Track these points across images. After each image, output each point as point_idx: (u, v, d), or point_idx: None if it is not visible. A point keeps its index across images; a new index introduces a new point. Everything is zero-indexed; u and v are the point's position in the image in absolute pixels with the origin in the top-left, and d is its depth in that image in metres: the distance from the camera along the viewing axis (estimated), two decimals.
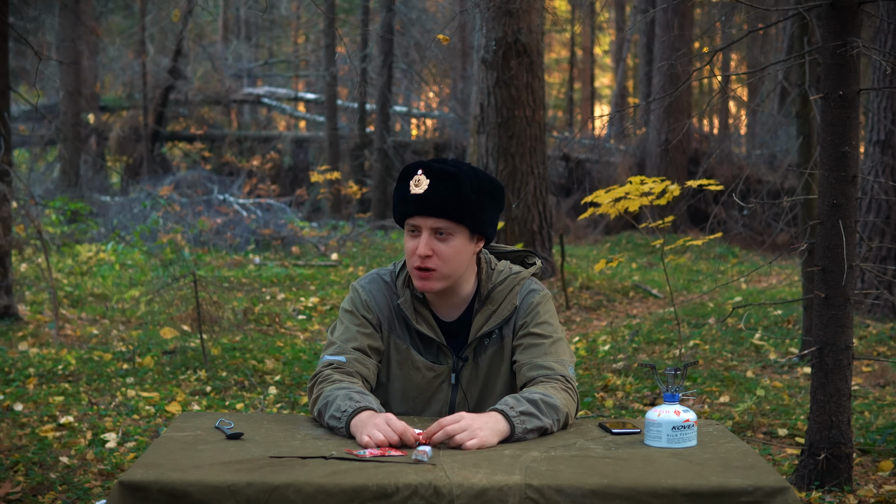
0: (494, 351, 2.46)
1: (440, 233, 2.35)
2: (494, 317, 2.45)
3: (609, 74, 27.60)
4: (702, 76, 7.76)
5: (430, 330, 2.44)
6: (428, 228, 2.35)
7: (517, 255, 2.62)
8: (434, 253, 2.34)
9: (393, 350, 2.47)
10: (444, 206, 2.33)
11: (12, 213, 7.09)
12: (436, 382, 2.46)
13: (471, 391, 2.46)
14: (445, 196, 2.32)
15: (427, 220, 2.34)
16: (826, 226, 3.66)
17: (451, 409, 2.46)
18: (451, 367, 2.45)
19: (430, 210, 2.33)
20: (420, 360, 2.45)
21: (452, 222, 2.35)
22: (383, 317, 2.47)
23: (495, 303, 2.46)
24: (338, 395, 2.25)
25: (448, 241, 2.36)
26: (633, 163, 15.56)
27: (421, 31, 16.70)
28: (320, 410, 2.28)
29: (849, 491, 3.72)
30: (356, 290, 2.50)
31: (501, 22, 8.50)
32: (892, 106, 7.04)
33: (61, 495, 3.71)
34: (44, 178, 16.00)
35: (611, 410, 5.14)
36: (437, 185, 2.32)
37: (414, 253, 2.36)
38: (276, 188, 15.05)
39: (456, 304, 2.47)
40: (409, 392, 2.46)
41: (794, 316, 7.32)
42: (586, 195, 5.38)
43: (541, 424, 2.19)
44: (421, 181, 2.33)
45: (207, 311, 6.23)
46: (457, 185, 2.33)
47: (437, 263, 2.35)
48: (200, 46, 19.21)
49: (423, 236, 2.35)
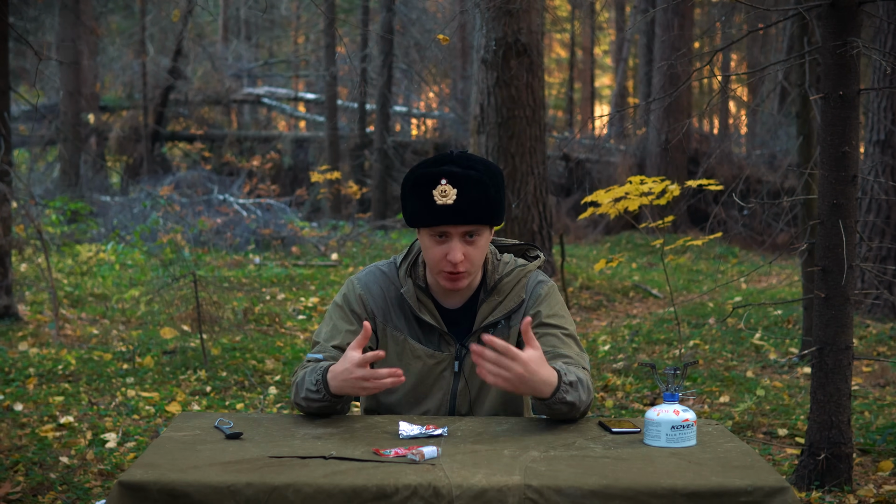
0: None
1: (469, 235, 2.38)
2: (501, 307, 2.47)
3: (609, 74, 27.60)
4: (702, 76, 7.77)
5: (432, 318, 2.46)
6: (459, 234, 2.37)
7: (519, 247, 2.64)
8: (465, 257, 2.38)
9: (390, 342, 2.48)
10: (476, 212, 2.35)
11: (12, 213, 7.09)
12: (437, 370, 2.47)
13: (473, 380, 2.47)
14: (476, 202, 2.35)
15: (459, 228, 2.36)
16: (826, 226, 3.66)
17: (452, 397, 2.48)
18: (455, 355, 2.47)
19: (463, 219, 2.35)
20: (420, 347, 2.47)
21: (482, 225, 2.39)
22: (378, 309, 2.48)
23: (502, 293, 2.48)
24: (303, 375, 2.36)
25: (476, 243, 2.39)
26: (633, 163, 15.56)
27: (421, 31, 16.70)
28: (297, 395, 2.37)
29: (849, 491, 3.72)
30: (351, 284, 2.52)
31: (501, 22, 8.50)
32: (892, 106, 7.04)
33: (61, 495, 3.71)
34: (44, 178, 16.00)
35: (611, 410, 5.14)
36: (467, 192, 2.34)
37: (444, 258, 2.37)
38: (276, 188, 15.05)
39: (462, 293, 2.49)
40: (409, 382, 2.47)
41: (794, 316, 7.32)
42: (586, 195, 5.39)
43: (575, 401, 2.26)
44: (448, 191, 2.34)
45: (207, 311, 6.23)
46: (484, 190, 2.36)
47: (468, 266, 2.39)
48: (200, 46, 19.22)
49: (454, 243, 2.36)
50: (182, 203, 12.46)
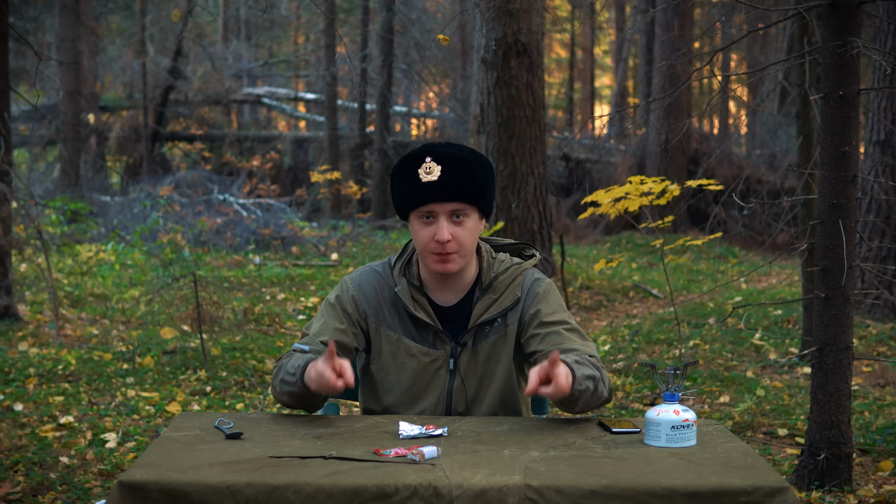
0: (496, 339, 2.47)
1: (456, 216, 2.40)
2: (496, 305, 2.47)
3: (609, 74, 27.60)
4: (702, 76, 7.76)
5: (426, 315, 2.46)
6: (445, 213, 2.39)
7: (514, 247, 2.64)
8: (453, 237, 2.39)
9: (384, 342, 2.48)
10: (460, 189, 2.38)
11: (12, 213, 7.09)
12: (432, 368, 2.47)
13: (469, 378, 2.47)
14: (460, 179, 2.38)
15: (445, 206, 2.38)
16: (826, 226, 3.66)
17: (448, 395, 2.47)
18: (450, 353, 2.47)
19: (447, 195, 2.37)
20: (414, 346, 2.47)
21: (467, 204, 2.40)
22: (371, 309, 2.48)
23: (497, 291, 2.48)
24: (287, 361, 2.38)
25: (464, 224, 2.40)
26: (633, 163, 15.56)
27: (421, 31, 16.70)
28: (275, 378, 2.39)
29: (849, 491, 3.72)
30: (345, 284, 2.53)
31: (501, 22, 8.50)
32: (892, 106, 7.04)
33: (61, 495, 3.71)
34: (44, 178, 16.00)
35: (611, 410, 5.14)
36: (451, 169, 2.38)
37: (432, 239, 2.39)
38: (276, 188, 15.05)
39: (457, 289, 2.49)
40: (405, 381, 2.47)
41: (794, 316, 7.32)
42: (586, 195, 5.38)
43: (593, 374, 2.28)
44: (432, 168, 2.37)
45: (207, 311, 6.23)
46: (468, 167, 2.39)
47: (456, 246, 2.40)
48: (200, 46, 19.21)
49: (440, 222, 2.38)
50: (182, 203, 12.46)
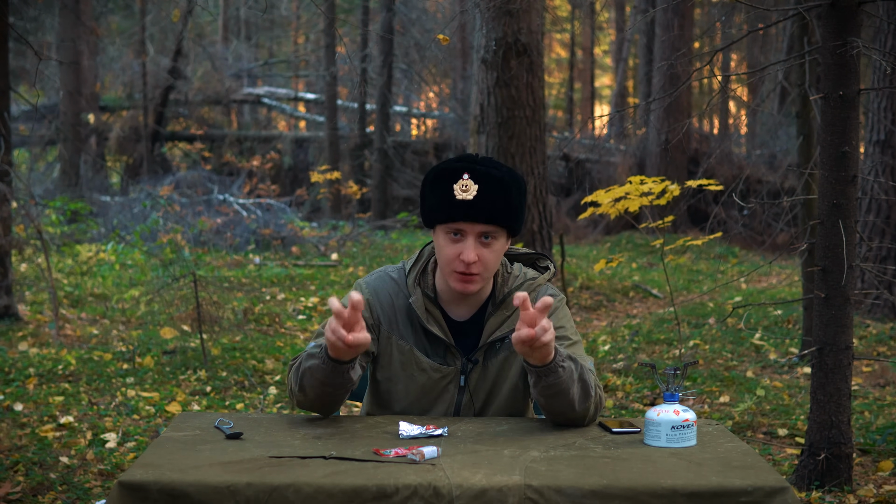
0: (506, 356, 2.43)
1: (485, 237, 2.33)
2: (508, 322, 2.42)
3: (609, 74, 27.61)
4: (702, 76, 7.76)
5: (439, 330, 2.41)
6: (475, 233, 2.32)
7: (529, 257, 2.58)
8: (479, 258, 2.33)
9: (395, 351, 2.44)
10: (494, 211, 2.31)
11: (12, 213, 7.09)
12: (442, 384, 2.43)
13: (478, 394, 2.44)
14: (496, 202, 2.31)
15: (475, 227, 2.32)
16: (826, 226, 3.66)
17: (456, 410, 2.44)
18: (460, 369, 2.43)
19: (481, 217, 2.31)
20: (426, 361, 2.42)
21: (499, 227, 2.34)
22: (384, 317, 2.44)
23: (510, 308, 2.43)
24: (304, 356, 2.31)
25: (491, 246, 2.34)
26: (633, 163, 15.56)
27: (421, 31, 16.70)
28: (294, 374, 2.31)
29: (849, 491, 3.72)
30: (360, 287, 2.47)
31: (501, 22, 8.50)
32: (892, 106, 7.04)
33: (61, 495, 3.71)
34: (44, 178, 16.00)
35: (611, 410, 5.14)
36: (487, 190, 2.30)
37: (457, 258, 2.33)
38: (276, 188, 15.05)
39: (471, 304, 2.44)
40: (413, 393, 2.43)
41: (794, 316, 7.32)
42: (586, 195, 5.38)
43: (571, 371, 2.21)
44: (469, 186, 2.30)
45: (207, 311, 6.23)
46: (505, 190, 2.32)
47: (480, 268, 2.34)
48: (200, 46, 19.22)
49: (468, 241, 2.32)
50: (182, 203, 12.46)
